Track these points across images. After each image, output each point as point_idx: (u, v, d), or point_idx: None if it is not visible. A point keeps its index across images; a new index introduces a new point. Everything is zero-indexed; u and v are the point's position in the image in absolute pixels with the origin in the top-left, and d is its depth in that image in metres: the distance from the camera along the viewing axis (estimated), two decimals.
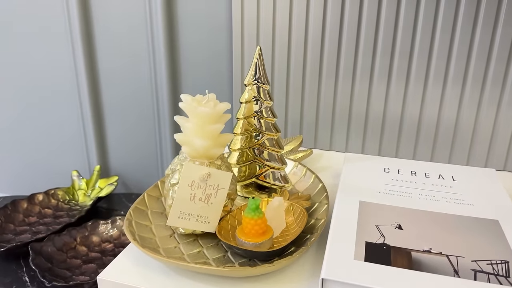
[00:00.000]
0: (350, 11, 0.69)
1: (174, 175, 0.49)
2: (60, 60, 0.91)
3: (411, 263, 0.40)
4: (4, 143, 1.05)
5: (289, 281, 0.44)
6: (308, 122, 0.78)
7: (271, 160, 0.58)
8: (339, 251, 0.41)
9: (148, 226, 0.51)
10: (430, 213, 0.49)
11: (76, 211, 0.86)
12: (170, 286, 0.43)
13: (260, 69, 0.55)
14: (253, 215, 0.46)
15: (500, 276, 0.38)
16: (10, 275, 0.72)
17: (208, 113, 0.47)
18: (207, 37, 0.81)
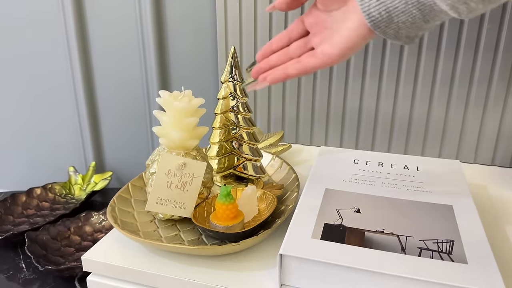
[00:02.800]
0: None
1: (153, 165, 0.53)
2: (55, 59, 0.96)
3: (363, 242, 0.44)
4: (3, 140, 1.10)
5: (256, 259, 0.48)
6: (290, 118, 0.82)
7: (248, 152, 0.62)
8: (298, 231, 0.45)
9: (130, 213, 0.55)
10: (389, 199, 0.52)
11: (72, 204, 0.91)
12: (147, 265, 0.47)
13: (234, 67, 0.59)
14: (225, 201, 0.50)
15: (443, 253, 0.42)
16: (7, 262, 0.77)
17: (183, 108, 0.51)
18: (194, 37, 0.86)
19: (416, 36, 0.42)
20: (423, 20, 0.39)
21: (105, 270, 0.49)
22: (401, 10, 0.39)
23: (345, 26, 0.43)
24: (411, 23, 0.40)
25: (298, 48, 0.48)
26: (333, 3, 0.43)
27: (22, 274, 0.73)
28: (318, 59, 0.45)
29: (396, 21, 0.40)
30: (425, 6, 0.38)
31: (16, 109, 1.05)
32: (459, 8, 0.36)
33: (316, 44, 0.46)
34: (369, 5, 0.40)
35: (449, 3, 0.36)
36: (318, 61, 0.45)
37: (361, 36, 0.42)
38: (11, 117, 1.06)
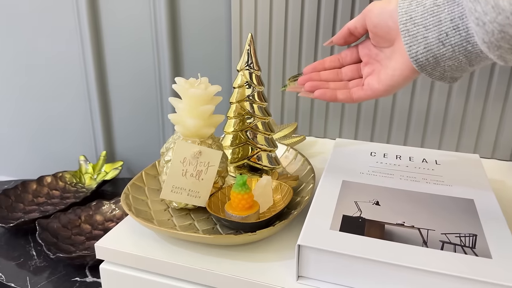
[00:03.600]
0: (344, 2, 0.72)
1: (168, 152, 0.53)
2: (68, 49, 0.95)
3: (383, 234, 0.43)
4: (15, 129, 1.10)
5: (271, 250, 0.47)
6: (304, 110, 0.81)
7: (263, 143, 0.61)
8: (316, 222, 0.44)
9: (144, 201, 0.55)
10: (408, 192, 0.51)
11: (82, 193, 0.91)
12: (161, 253, 0.47)
13: (252, 55, 0.58)
14: (240, 190, 0.49)
15: (466, 247, 0.41)
16: (18, 249, 0.77)
17: (199, 95, 0.50)
18: (208, 25, 0.85)
19: (460, 76, 0.43)
20: (468, 65, 0.40)
21: (118, 258, 0.48)
22: (448, 57, 0.40)
23: (390, 65, 0.44)
24: (457, 67, 0.41)
25: (350, 72, 0.50)
26: (383, 42, 0.45)
27: (33, 262, 0.73)
28: (364, 92, 0.47)
29: (443, 65, 0.41)
30: (472, 54, 0.39)
31: (28, 98, 1.05)
32: (506, 57, 0.36)
33: (366, 74, 0.48)
34: (417, 52, 0.41)
35: (497, 54, 0.36)
36: (364, 94, 0.47)
37: (404, 76, 0.43)
38: (23, 106, 1.06)
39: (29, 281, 0.68)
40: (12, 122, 1.09)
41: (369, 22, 0.44)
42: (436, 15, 0.39)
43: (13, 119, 1.09)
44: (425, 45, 0.40)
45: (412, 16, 0.40)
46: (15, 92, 1.05)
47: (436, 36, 0.39)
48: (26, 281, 0.68)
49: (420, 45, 0.40)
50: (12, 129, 1.10)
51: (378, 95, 0.46)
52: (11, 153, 1.14)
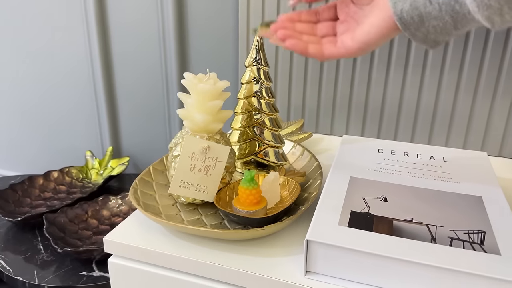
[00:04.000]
0: None
1: (177, 147, 0.53)
2: (74, 45, 0.96)
3: (392, 230, 0.43)
4: (22, 125, 1.10)
5: (279, 246, 0.47)
6: (310, 107, 0.81)
7: (270, 139, 0.61)
8: (325, 218, 0.45)
9: (152, 196, 0.55)
10: (416, 188, 0.51)
11: (88, 189, 0.91)
12: (169, 247, 0.47)
13: (260, 51, 0.58)
14: (248, 186, 0.49)
15: (475, 244, 0.41)
16: (25, 243, 0.77)
17: (208, 90, 0.50)
18: (215, 21, 0.85)
19: (443, 41, 0.42)
20: (453, 27, 0.39)
21: (126, 252, 0.48)
22: (434, 16, 0.38)
23: (368, 21, 0.42)
24: (442, 29, 0.39)
25: (324, 28, 0.48)
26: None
27: (40, 256, 0.74)
28: (337, 49, 0.45)
29: (427, 26, 0.39)
30: (459, 14, 0.38)
31: (34, 94, 1.05)
32: (494, 19, 0.35)
33: (341, 32, 0.46)
34: (401, 9, 0.39)
35: (486, 14, 0.35)
36: (336, 51, 0.45)
37: (381, 34, 0.41)
38: (29, 101, 1.07)
39: (36, 274, 0.69)
40: (20, 118, 1.10)
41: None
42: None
43: (20, 115, 1.10)
44: (411, 2, 0.38)
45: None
46: (22, 88, 1.06)
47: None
48: (33, 274, 0.69)
49: (406, 2, 0.38)
50: (19, 125, 1.11)
51: (350, 53, 0.44)
52: (18, 148, 1.14)
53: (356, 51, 0.43)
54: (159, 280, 0.47)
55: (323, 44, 0.46)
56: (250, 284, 0.44)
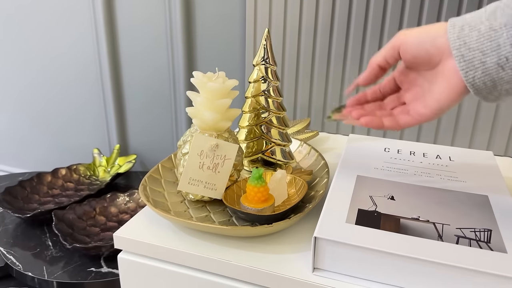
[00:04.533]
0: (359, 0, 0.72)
1: (185, 145, 0.53)
2: (82, 43, 0.97)
3: (399, 228, 0.43)
4: (30, 123, 1.12)
5: (286, 243, 0.48)
6: (316, 106, 0.81)
7: (277, 137, 0.61)
8: (332, 215, 0.45)
9: (161, 193, 0.55)
10: (422, 187, 0.52)
11: (96, 186, 0.92)
12: (178, 244, 0.47)
13: (268, 50, 0.58)
14: (256, 183, 0.50)
15: (481, 242, 0.41)
16: (34, 239, 0.78)
17: (217, 88, 0.51)
18: (222, 21, 0.85)
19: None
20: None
21: (136, 248, 0.49)
22: (506, 81, 0.39)
23: (436, 90, 0.43)
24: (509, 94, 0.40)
25: (391, 101, 0.50)
26: (423, 67, 0.44)
27: (49, 252, 0.75)
28: (412, 118, 0.46)
29: (499, 89, 0.40)
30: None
31: (43, 93, 1.06)
32: None
33: (409, 100, 0.48)
34: (474, 77, 0.39)
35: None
36: (412, 120, 0.46)
37: (452, 99, 0.42)
38: (37, 99, 1.08)
39: (45, 270, 0.70)
40: (29, 116, 1.11)
41: (407, 54, 0.44)
42: (494, 39, 0.38)
43: (29, 114, 1.11)
44: (483, 70, 0.39)
45: (466, 41, 0.39)
46: (31, 87, 1.07)
47: (495, 61, 0.38)
48: (43, 270, 0.70)
49: (478, 70, 0.39)
50: (29, 123, 1.12)
51: (426, 120, 0.45)
52: (27, 146, 1.15)
53: (430, 117, 0.45)
54: (167, 276, 0.48)
55: (396, 116, 0.48)
56: (258, 280, 0.44)
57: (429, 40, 0.42)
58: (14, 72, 1.08)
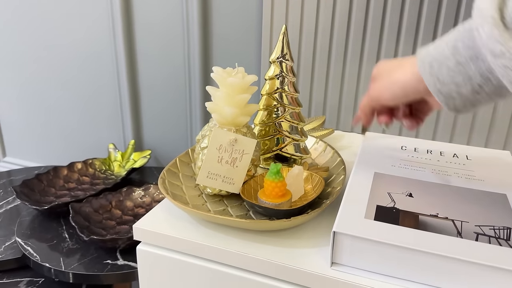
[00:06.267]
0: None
1: (204, 140, 0.54)
2: (99, 39, 0.98)
3: (418, 225, 0.43)
4: (47, 118, 1.13)
5: (304, 238, 0.48)
6: (332, 104, 0.81)
7: (293, 133, 0.62)
8: (351, 211, 0.45)
9: (179, 186, 0.56)
10: (440, 185, 0.52)
11: (111, 180, 0.93)
12: (197, 236, 0.48)
13: (285, 46, 0.59)
14: (274, 178, 0.50)
15: (501, 239, 0.41)
16: (51, 231, 0.79)
17: (237, 84, 0.51)
18: (239, 19, 0.86)
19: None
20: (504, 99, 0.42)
21: (154, 240, 0.50)
22: (484, 100, 0.41)
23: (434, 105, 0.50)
24: (492, 103, 0.44)
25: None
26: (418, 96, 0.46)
27: (66, 244, 0.76)
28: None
29: (479, 106, 0.42)
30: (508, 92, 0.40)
31: (59, 88, 1.08)
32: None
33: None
34: (454, 104, 0.42)
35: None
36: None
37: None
38: (54, 95, 1.09)
39: (62, 261, 0.71)
40: (44, 111, 1.13)
41: (389, 105, 0.49)
42: (464, 73, 0.39)
43: (46, 109, 1.12)
44: (461, 99, 0.41)
45: (439, 78, 0.41)
46: (47, 83, 1.08)
47: (470, 89, 0.40)
48: (59, 261, 0.71)
49: (456, 99, 0.41)
50: (45, 119, 1.13)
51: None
52: (42, 140, 1.17)
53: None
54: (185, 267, 0.49)
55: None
56: (276, 274, 0.44)
57: (401, 92, 0.45)
58: (31, 67, 1.10)
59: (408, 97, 0.45)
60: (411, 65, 0.44)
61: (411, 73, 0.43)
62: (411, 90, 0.44)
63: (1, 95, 1.19)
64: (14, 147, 1.25)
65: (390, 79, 0.46)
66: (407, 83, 0.44)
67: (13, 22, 1.07)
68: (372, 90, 0.49)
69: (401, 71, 0.45)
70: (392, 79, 0.45)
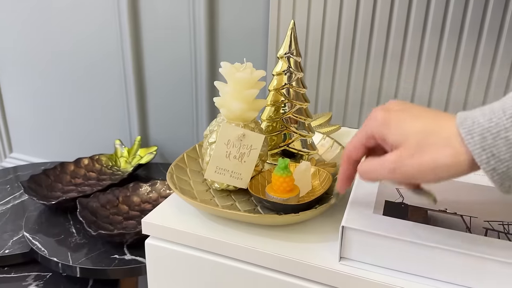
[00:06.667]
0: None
1: (212, 135, 0.54)
2: (105, 35, 0.98)
3: (427, 220, 0.43)
4: (53, 114, 1.14)
5: (311, 232, 0.48)
6: (338, 100, 0.81)
7: (300, 128, 0.62)
8: (359, 206, 0.45)
9: (187, 181, 0.56)
10: (450, 181, 0.51)
11: (118, 176, 0.94)
12: (205, 230, 0.48)
13: (293, 41, 0.58)
14: (282, 173, 0.50)
15: (510, 234, 0.41)
16: (58, 226, 0.80)
17: (245, 79, 0.51)
18: (245, 13, 0.86)
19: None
20: None
21: (163, 234, 0.50)
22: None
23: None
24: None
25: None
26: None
27: (73, 238, 0.76)
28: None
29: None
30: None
31: (66, 84, 1.08)
32: None
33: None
34: (510, 185, 0.35)
35: None
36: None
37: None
38: (61, 91, 1.10)
39: (70, 256, 0.71)
40: (53, 108, 1.13)
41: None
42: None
43: (53, 106, 1.13)
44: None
45: (494, 153, 0.33)
46: (53, 80, 1.09)
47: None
48: (67, 256, 0.71)
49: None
50: (51, 115, 1.14)
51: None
52: (48, 136, 1.17)
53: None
54: (194, 261, 0.49)
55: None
56: (285, 268, 0.45)
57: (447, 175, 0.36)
58: (37, 64, 1.10)
59: (453, 177, 0.37)
60: (452, 135, 0.35)
61: (453, 148, 0.35)
62: (457, 171, 0.36)
63: (8, 91, 1.19)
64: (21, 143, 1.26)
65: (427, 157, 0.36)
66: (454, 163, 0.35)
67: (22, 19, 1.07)
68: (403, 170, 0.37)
69: (442, 145, 0.35)
70: (432, 159, 0.35)
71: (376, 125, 0.39)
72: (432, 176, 0.36)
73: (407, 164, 0.36)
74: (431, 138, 0.36)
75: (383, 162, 0.38)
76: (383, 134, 0.38)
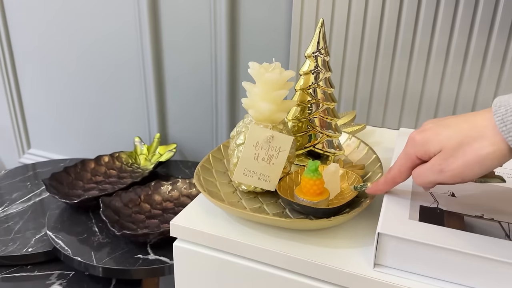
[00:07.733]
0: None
1: (240, 136, 0.53)
2: (126, 34, 0.97)
3: (464, 226, 0.42)
4: (72, 110, 1.14)
5: (342, 237, 0.47)
6: (362, 98, 0.80)
7: (327, 129, 0.61)
8: (394, 211, 0.44)
9: (213, 182, 0.56)
10: (482, 184, 0.50)
11: (138, 174, 0.93)
12: (234, 234, 0.48)
13: (321, 40, 0.57)
14: (312, 176, 0.49)
15: None
16: (81, 225, 0.80)
17: (274, 79, 0.50)
18: (268, 11, 0.85)
19: None
20: None
21: (191, 236, 0.49)
22: None
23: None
24: None
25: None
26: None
27: (96, 238, 0.76)
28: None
29: None
30: None
31: (87, 82, 1.08)
32: None
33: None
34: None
35: None
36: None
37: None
38: (82, 90, 1.10)
39: (94, 256, 0.71)
40: (71, 104, 1.13)
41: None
42: None
43: (72, 102, 1.13)
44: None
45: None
46: (74, 77, 1.09)
47: None
48: (91, 255, 0.71)
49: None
50: (71, 112, 1.14)
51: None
52: (67, 133, 1.18)
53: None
54: (222, 265, 0.48)
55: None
56: (316, 274, 0.44)
57: (481, 170, 0.37)
58: (57, 62, 1.10)
59: (499, 165, 0.38)
60: (487, 126, 0.37)
61: (489, 138, 0.36)
62: (501, 159, 0.37)
63: (27, 88, 1.20)
64: (39, 139, 1.26)
65: (468, 152, 0.37)
66: (494, 151, 0.36)
67: (47, 20, 1.07)
68: (450, 169, 0.39)
69: (479, 138, 0.37)
70: (474, 152, 0.37)
71: (416, 147, 0.42)
72: (478, 168, 0.37)
73: (453, 162, 0.38)
74: (467, 135, 0.38)
75: (431, 166, 0.40)
76: (425, 151, 0.41)
